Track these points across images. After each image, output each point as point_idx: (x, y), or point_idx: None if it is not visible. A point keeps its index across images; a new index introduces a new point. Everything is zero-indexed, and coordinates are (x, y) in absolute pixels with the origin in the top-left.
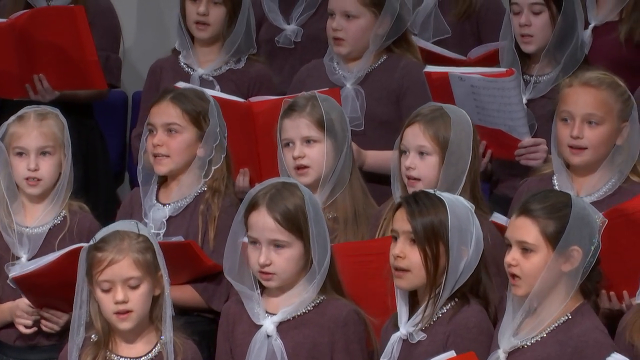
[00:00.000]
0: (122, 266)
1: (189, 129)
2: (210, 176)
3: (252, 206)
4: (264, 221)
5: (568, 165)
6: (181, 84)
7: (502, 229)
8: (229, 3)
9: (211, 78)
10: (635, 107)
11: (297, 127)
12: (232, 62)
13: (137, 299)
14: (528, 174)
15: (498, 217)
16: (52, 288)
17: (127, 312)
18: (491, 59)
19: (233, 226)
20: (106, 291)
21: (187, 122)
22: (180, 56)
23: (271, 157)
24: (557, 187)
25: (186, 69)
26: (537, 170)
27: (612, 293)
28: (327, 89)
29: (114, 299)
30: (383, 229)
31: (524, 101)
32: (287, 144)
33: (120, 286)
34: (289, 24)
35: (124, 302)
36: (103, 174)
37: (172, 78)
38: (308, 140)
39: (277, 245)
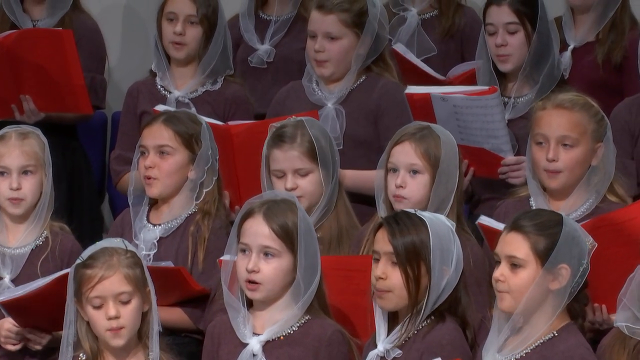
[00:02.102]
0: (113, 282)
1: (181, 151)
2: (201, 198)
3: (248, 214)
4: (257, 227)
5: (544, 188)
6: (161, 107)
7: (489, 232)
8: (205, 23)
9: (187, 100)
10: (609, 127)
11: (289, 159)
12: (209, 84)
13: (129, 314)
14: (506, 196)
15: (486, 220)
16: (39, 311)
17: (120, 328)
18: (471, 79)
19: (230, 238)
20: (97, 308)
21: (179, 144)
22: (156, 78)
23: (250, 180)
24: (534, 208)
25: (163, 91)
26: (514, 192)
27: (595, 305)
28: (306, 111)
29: (107, 315)
30: (365, 250)
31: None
32: (279, 175)
33: (112, 302)
34: (262, 44)
35: (117, 317)
36: (87, 195)
37: (149, 100)
38: (300, 171)
39: (267, 253)
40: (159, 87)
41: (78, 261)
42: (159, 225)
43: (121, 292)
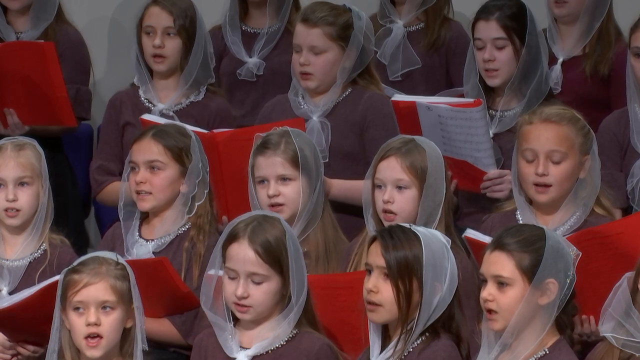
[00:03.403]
0: (97, 288)
1: (172, 165)
2: (193, 212)
3: (233, 237)
4: (244, 253)
5: (531, 202)
6: (147, 116)
7: (476, 245)
8: (183, 34)
9: (172, 113)
10: (595, 139)
11: (272, 165)
12: (192, 95)
13: (109, 324)
14: (492, 210)
15: (473, 234)
16: (29, 322)
17: (98, 337)
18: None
19: (212, 257)
20: (79, 314)
21: (169, 158)
22: (140, 91)
23: (236, 188)
24: (521, 222)
25: (146, 103)
26: (501, 206)
27: (584, 317)
28: (290, 119)
29: (86, 321)
30: (354, 264)
31: (490, 135)
32: (262, 182)
33: (94, 308)
34: (251, 57)
35: (96, 324)
36: (72, 208)
37: (132, 112)
38: (283, 178)
39: (255, 279)
40: (143, 99)
41: (69, 267)
42: (152, 240)
43: (104, 300)
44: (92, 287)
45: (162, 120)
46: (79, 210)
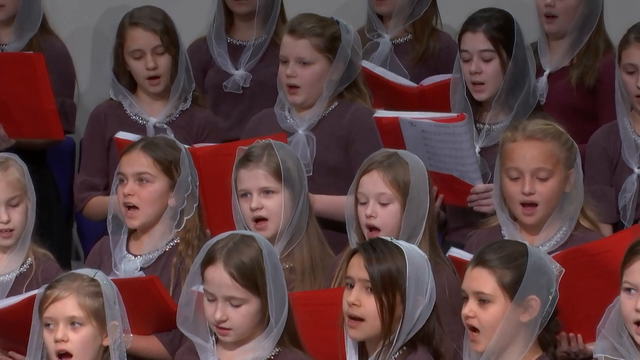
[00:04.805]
0: (65, 304)
1: (161, 178)
2: (182, 227)
3: (209, 260)
4: (220, 278)
5: (515, 218)
6: (123, 135)
7: (460, 264)
8: (172, 49)
9: (165, 126)
10: (579, 152)
11: (254, 177)
12: (181, 105)
13: (78, 340)
14: (478, 226)
15: (457, 252)
16: (12, 331)
17: (67, 355)
18: (443, 88)
19: (188, 277)
20: (49, 330)
21: (158, 171)
22: (124, 105)
23: (217, 202)
24: (507, 238)
25: (133, 116)
26: (486, 222)
27: (571, 335)
28: (273, 134)
29: (54, 337)
30: (338, 280)
31: (477, 149)
32: (244, 195)
33: (62, 324)
34: (237, 69)
35: (63, 340)
36: (56, 222)
37: (118, 125)
38: (266, 191)
39: (233, 302)
40: (130, 113)
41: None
42: (140, 255)
43: (72, 316)
44: (60, 303)
45: (136, 138)
46: (63, 224)
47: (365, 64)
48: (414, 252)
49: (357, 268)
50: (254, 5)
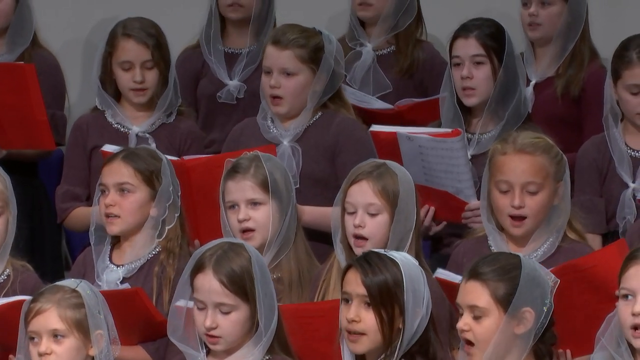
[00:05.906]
0: (47, 317)
1: (142, 188)
2: (164, 236)
3: (198, 268)
4: (210, 284)
5: (501, 228)
6: (109, 147)
7: (447, 285)
8: (161, 64)
9: (147, 135)
10: (567, 164)
11: (242, 189)
12: (164, 117)
13: (61, 352)
14: (464, 235)
15: (443, 274)
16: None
17: None
18: (420, 110)
19: (178, 287)
20: (34, 343)
21: (139, 181)
22: (107, 114)
23: (208, 213)
24: (493, 248)
25: (114, 125)
26: (473, 232)
27: (560, 351)
28: (262, 146)
29: (38, 351)
30: (322, 291)
31: (470, 165)
32: (232, 207)
33: (45, 337)
34: (231, 79)
35: (46, 353)
36: (49, 233)
37: (100, 135)
38: (253, 203)
39: (222, 309)
40: (112, 122)
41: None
42: (122, 265)
43: (54, 328)
44: (42, 316)
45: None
46: (55, 235)
47: (348, 91)
48: (409, 264)
49: (354, 284)
50: (249, 12)
